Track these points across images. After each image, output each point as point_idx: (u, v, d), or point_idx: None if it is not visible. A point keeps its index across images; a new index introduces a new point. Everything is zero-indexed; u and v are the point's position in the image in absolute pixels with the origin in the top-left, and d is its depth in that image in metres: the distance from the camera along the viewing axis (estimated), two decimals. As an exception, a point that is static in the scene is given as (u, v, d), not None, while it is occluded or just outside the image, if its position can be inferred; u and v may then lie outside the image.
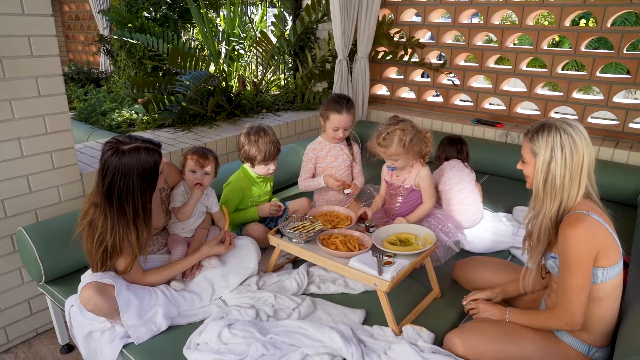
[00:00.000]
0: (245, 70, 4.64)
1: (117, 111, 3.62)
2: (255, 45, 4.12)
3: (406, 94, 4.05)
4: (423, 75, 4.03)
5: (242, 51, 4.66)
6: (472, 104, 3.61)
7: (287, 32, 4.08)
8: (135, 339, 1.56)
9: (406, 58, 3.69)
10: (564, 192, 1.37)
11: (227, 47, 4.58)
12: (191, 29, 5.32)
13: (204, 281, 1.80)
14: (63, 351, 2.07)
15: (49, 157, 2.04)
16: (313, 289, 1.88)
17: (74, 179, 2.14)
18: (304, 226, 1.86)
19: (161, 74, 4.23)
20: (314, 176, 2.43)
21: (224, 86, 3.52)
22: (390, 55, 3.73)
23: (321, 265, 1.76)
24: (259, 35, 4.09)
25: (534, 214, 1.45)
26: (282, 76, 4.70)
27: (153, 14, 4.38)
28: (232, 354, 1.45)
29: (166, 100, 3.20)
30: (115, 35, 4.30)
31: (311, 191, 2.51)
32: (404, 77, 3.86)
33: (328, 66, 3.97)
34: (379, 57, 3.82)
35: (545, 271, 1.54)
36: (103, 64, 5.81)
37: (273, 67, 4.25)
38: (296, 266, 2.04)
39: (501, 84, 3.40)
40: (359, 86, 3.76)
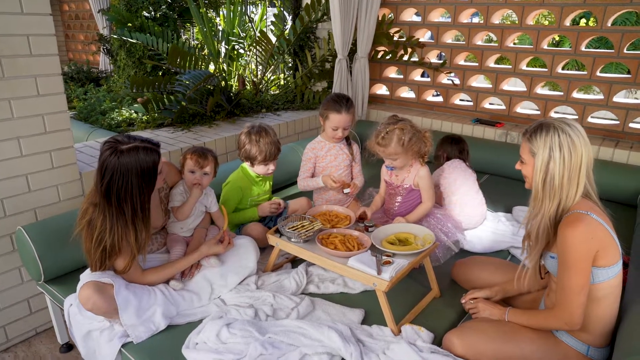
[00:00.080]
0: (244, 70, 4.64)
1: (116, 110, 3.62)
2: (254, 44, 4.12)
3: (406, 93, 4.05)
4: (423, 74, 4.03)
5: (241, 50, 4.65)
6: (471, 103, 3.60)
7: (287, 31, 4.08)
8: (134, 338, 1.56)
9: (406, 57, 3.69)
10: (562, 192, 1.37)
11: (226, 47, 4.58)
12: (191, 29, 5.31)
13: (202, 280, 1.80)
14: (62, 350, 2.07)
15: (48, 157, 2.04)
16: (312, 288, 1.87)
17: (73, 178, 2.14)
18: (303, 225, 1.86)
19: (161, 73, 4.23)
20: (314, 176, 2.42)
21: (223, 86, 3.52)
22: (390, 55, 3.73)
23: (320, 264, 1.76)
24: (259, 35, 4.09)
25: (533, 213, 1.45)
26: (281, 76, 4.70)
27: (153, 13, 4.38)
28: (230, 353, 1.45)
29: (166, 99, 3.20)
30: (115, 34, 4.30)
31: (310, 191, 2.51)
32: (403, 76, 3.86)
33: (328, 66, 3.97)
34: (379, 56, 3.82)
35: (544, 271, 1.54)
36: (103, 63, 5.81)
37: (273, 67, 4.25)
38: (295, 266, 2.04)
39: (501, 84, 3.40)
40: (358, 86, 3.75)
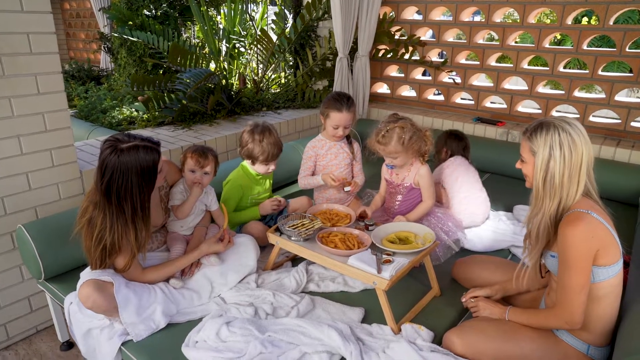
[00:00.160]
0: (245, 68, 4.63)
1: (117, 109, 3.63)
2: (255, 43, 4.11)
3: (407, 92, 4.04)
4: (424, 73, 4.02)
5: (242, 49, 4.65)
6: (473, 102, 3.59)
7: (288, 30, 4.08)
8: (134, 337, 1.56)
9: (407, 56, 3.68)
10: (563, 191, 1.37)
11: (227, 45, 4.58)
12: (192, 27, 5.31)
13: (202, 279, 1.80)
14: (63, 348, 2.07)
15: (49, 155, 2.04)
16: (312, 287, 1.87)
17: (73, 176, 2.14)
18: (303, 224, 1.86)
19: (161, 71, 4.23)
20: (314, 174, 2.42)
21: (224, 84, 3.51)
22: (391, 54, 3.72)
23: (320, 263, 1.76)
24: (260, 33, 4.09)
25: (534, 212, 1.44)
26: (282, 74, 4.69)
27: (153, 11, 4.37)
28: (230, 351, 1.45)
29: (166, 98, 3.19)
30: (116, 32, 4.30)
31: (311, 189, 2.51)
32: (404, 75, 3.85)
33: (329, 64, 3.97)
34: (380, 55, 3.81)
35: (545, 270, 1.53)
36: (104, 61, 5.81)
37: (273, 65, 4.24)
38: (295, 264, 2.04)
39: (502, 83, 3.39)
40: (359, 84, 3.75)
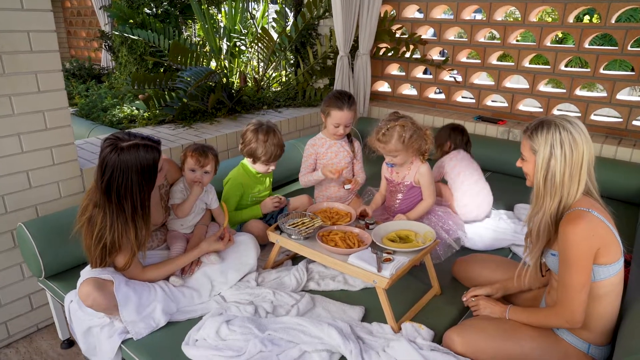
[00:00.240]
0: (246, 67, 4.63)
1: (118, 107, 3.63)
2: (256, 41, 4.11)
3: (408, 90, 4.04)
4: (425, 72, 4.01)
5: (243, 47, 4.65)
6: (474, 101, 3.59)
7: (289, 28, 4.07)
8: (134, 335, 1.56)
9: (408, 54, 3.68)
10: (564, 189, 1.36)
11: (228, 43, 4.57)
12: (192, 25, 5.31)
13: (203, 277, 1.80)
14: (64, 346, 2.08)
15: (49, 153, 2.04)
16: (312, 285, 1.87)
17: (74, 174, 2.14)
18: (303, 222, 1.86)
19: (162, 70, 4.23)
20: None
21: (224, 82, 3.51)
22: (392, 52, 3.72)
23: (320, 261, 1.76)
24: (260, 32, 4.08)
25: (535, 211, 1.44)
26: (283, 72, 4.69)
27: (154, 10, 4.37)
28: (230, 350, 1.45)
29: (167, 96, 3.19)
30: (117, 31, 4.30)
31: (312, 187, 2.51)
32: (405, 73, 3.84)
33: (329, 62, 3.96)
34: (381, 53, 3.80)
35: (545, 269, 1.53)
36: (104, 60, 5.81)
37: (274, 64, 4.24)
38: (296, 263, 2.04)
39: (503, 81, 3.38)
40: (360, 83, 3.74)
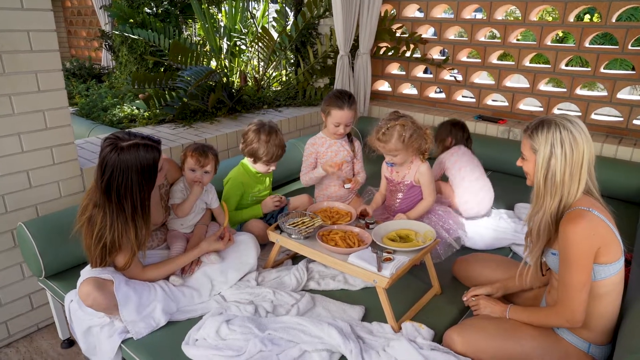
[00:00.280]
0: (246, 66, 4.63)
1: (118, 107, 3.63)
2: (256, 40, 4.10)
3: (408, 90, 4.03)
4: (425, 71, 4.01)
5: (243, 47, 4.64)
6: (474, 100, 3.58)
7: (289, 27, 4.07)
8: (134, 334, 1.56)
9: (408, 54, 3.67)
10: (564, 189, 1.36)
11: (228, 43, 4.57)
12: (193, 25, 5.30)
13: (203, 277, 1.80)
14: (64, 346, 2.08)
15: (49, 153, 2.04)
16: (312, 285, 1.87)
17: (74, 174, 2.14)
18: (304, 222, 1.86)
19: (162, 69, 4.22)
20: (315, 171, 2.42)
21: (225, 82, 3.51)
22: (392, 51, 3.71)
23: (320, 261, 1.75)
24: (261, 31, 4.08)
25: (535, 210, 1.44)
26: (283, 72, 4.69)
27: (154, 9, 4.37)
28: (230, 349, 1.45)
29: (167, 95, 3.19)
30: (117, 30, 4.29)
31: (312, 187, 2.51)
32: (405, 73, 3.84)
33: (330, 62, 3.96)
34: (381, 52, 3.80)
35: (546, 268, 1.53)
36: (105, 59, 5.81)
37: (274, 63, 4.23)
38: (296, 262, 2.04)
39: (504, 80, 3.38)
40: (360, 82, 3.74)
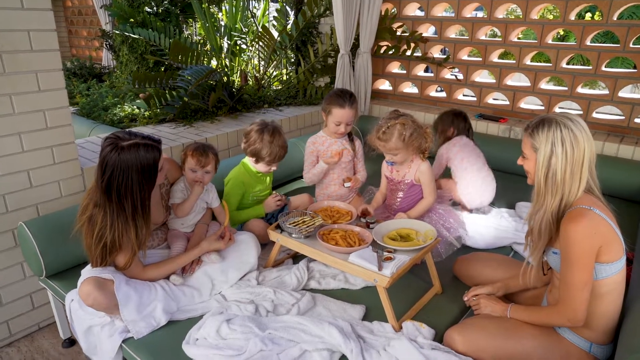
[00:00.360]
0: (247, 65, 4.62)
1: (119, 106, 3.63)
2: (257, 39, 4.10)
3: (409, 88, 4.03)
4: (426, 70, 4.00)
5: (244, 46, 4.64)
6: (475, 99, 3.58)
7: (289, 26, 4.06)
8: (134, 334, 1.56)
9: (409, 53, 3.66)
10: (565, 187, 1.36)
11: (229, 42, 4.57)
12: (193, 24, 5.30)
13: (203, 276, 1.80)
14: (65, 345, 2.08)
15: (50, 152, 2.04)
16: (313, 284, 1.87)
17: (74, 173, 2.14)
18: (304, 221, 1.86)
19: (163, 69, 4.22)
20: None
21: (225, 81, 3.51)
22: (393, 50, 3.71)
23: (321, 260, 1.75)
24: (261, 30, 4.07)
25: (536, 209, 1.43)
26: (284, 71, 4.68)
27: (155, 9, 4.36)
28: (230, 349, 1.45)
29: (168, 95, 3.19)
30: (118, 30, 4.29)
31: (312, 186, 2.51)
32: (406, 71, 3.83)
33: (330, 61, 3.95)
34: (382, 51, 3.79)
35: (547, 267, 1.53)
36: (105, 59, 5.81)
37: (275, 62, 4.23)
38: (296, 261, 2.04)
39: (505, 79, 3.37)
40: (361, 81, 3.74)
